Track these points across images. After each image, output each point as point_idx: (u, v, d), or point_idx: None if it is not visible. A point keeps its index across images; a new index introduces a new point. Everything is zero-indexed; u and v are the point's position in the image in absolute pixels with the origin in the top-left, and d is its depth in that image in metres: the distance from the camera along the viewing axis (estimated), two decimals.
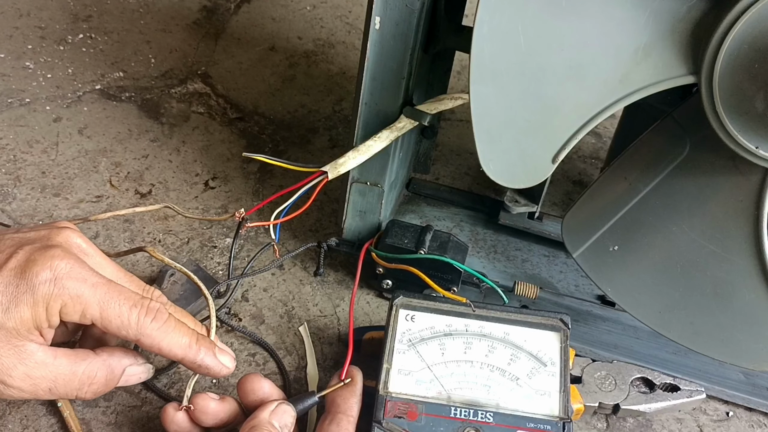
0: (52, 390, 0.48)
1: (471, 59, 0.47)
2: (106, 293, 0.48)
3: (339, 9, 1.00)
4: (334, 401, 0.52)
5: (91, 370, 0.49)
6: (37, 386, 0.47)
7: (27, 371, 0.47)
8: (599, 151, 0.84)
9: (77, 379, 0.49)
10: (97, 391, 0.50)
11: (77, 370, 0.49)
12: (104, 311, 0.48)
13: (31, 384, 0.47)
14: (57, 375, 0.48)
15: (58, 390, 0.48)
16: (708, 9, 0.44)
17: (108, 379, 0.50)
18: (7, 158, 0.74)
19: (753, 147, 0.46)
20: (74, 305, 0.47)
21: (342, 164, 0.58)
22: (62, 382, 0.48)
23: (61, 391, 0.48)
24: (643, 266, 0.56)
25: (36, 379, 0.47)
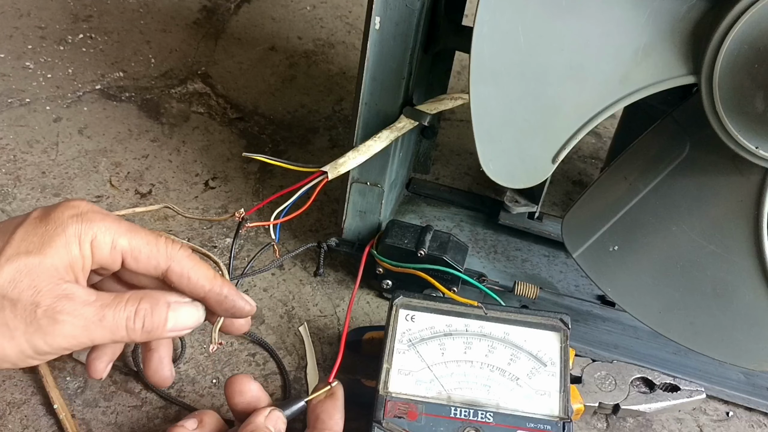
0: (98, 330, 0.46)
1: (471, 59, 0.47)
2: (130, 225, 0.48)
3: (339, 9, 1.00)
4: (319, 417, 0.51)
5: (134, 299, 0.47)
6: (84, 328, 0.45)
7: (73, 310, 0.45)
8: (599, 151, 0.84)
9: (123, 311, 0.46)
10: (146, 326, 0.47)
11: (121, 299, 0.47)
12: (132, 239, 0.48)
13: (80, 326, 0.45)
14: (101, 309, 0.46)
15: (106, 323, 0.46)
16: (708, 9, 0.44)
17: (154, 310, 0.47)
18: (7, 158, 0.74)
19: (753, 147, 0.46)
20: (104, 236, 0.47)
21: (342, 164, 0.58)
22: (110, 316, 0.46)
23: (109, 325, 0.46)
24: (643, 266, 0.56)
25: (81, 318, 0.45)
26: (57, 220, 0.46)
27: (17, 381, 0.57)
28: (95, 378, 0.52)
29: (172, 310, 0.48)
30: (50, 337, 0.44)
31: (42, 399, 0.56)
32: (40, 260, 0.45)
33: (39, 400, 0.56)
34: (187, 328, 0.49)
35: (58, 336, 0.44)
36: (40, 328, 0.44)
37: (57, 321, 0.44)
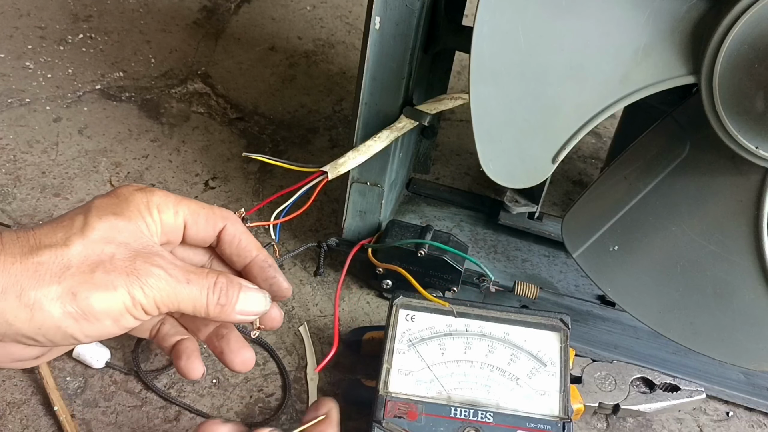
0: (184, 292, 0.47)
1: (471, 59, 0.47)
2: (181, 196, 0.50)
3: (339, 9, 1.00)
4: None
5: (213, 273, 0.48)
6: (173, 287, 0.46)
7: (165, 265, 0.46)
8: (599, 151, 0.84)
9: (205, 279, 0.47)
10: (221, 300, 0.48)
11: (202, 270, 0.48)
12: (189, 205, 0.49)
13: (171, 283, 0.46)
14: (188, 273, 0.47)
15: (191, 287, 0.47)
16: (708, 9, 0.44)
17: (229, 287, 0.48)
18: (7, 158, 0.74)
19: (753, 147, 0.46)
20: (166, 204, 0.48)
21: (342, 164, 0.58)
22: (194, 281, 0.47)
23: (193, 289, 0.47)
24: (643, 266, 0.56)
25: (173, 275, 0.46)
26: (123, 193, 0.48)
27: (17, 381, 0.57)
28: (195, 378, 0.51)
29: (243, 291, 0.49)
30: (148, 288, 0.45)
31: (42, 399, 0.56)
32: (125, 223, 0.46)
33: (39, 400, 0.56)
34: (252, 313, 0.50)
35: (154, 288, 0.45)
36: (138, 278, 0.45)
37: (152, 274, 0.45)
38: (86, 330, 0.45)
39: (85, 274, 0.44)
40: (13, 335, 0.44)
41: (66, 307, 0.44)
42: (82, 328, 0.45)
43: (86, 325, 0.45)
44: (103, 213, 0.47)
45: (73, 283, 0.44)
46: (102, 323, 0.45)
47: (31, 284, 0.43)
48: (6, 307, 0.43)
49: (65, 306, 0.44)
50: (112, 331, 0.46)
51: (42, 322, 0.44)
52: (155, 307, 0.46)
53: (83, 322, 0.44)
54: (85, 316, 0.44)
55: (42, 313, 0.44)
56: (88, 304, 0.44)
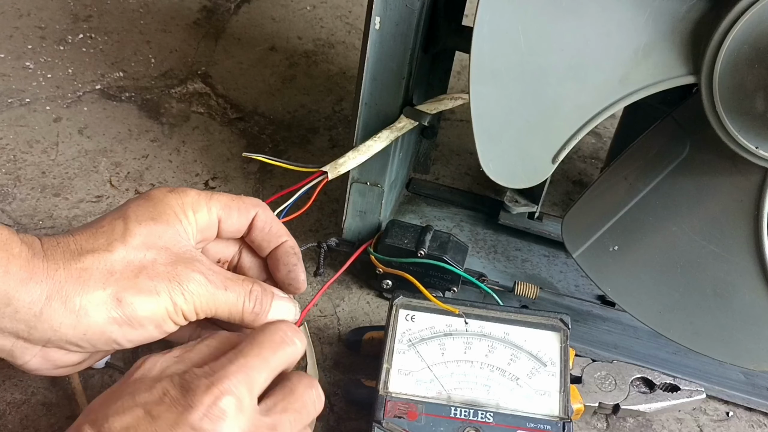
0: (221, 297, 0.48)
1: (471, 59, 0.47)
2: (209, 192, 0.51)
3: (339, 9, 1.00)
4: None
5: (248, 281, 0.50)
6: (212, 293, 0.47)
7: (204, 271, 0.47)
8: (599, 151, 0.84)
9: (242, 287, 0.49)
10: (255, 308, 0.49)
11: (238, 278, 0.49)
12: (220, 200, 0.51)
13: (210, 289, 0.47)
14: (226, 279, 0.48)
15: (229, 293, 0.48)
16: (708, 9, 0.44)
17: (263, 295, 0.50)
18: (7, 158, 0.74)
19: (753, 147, 0.46)
20: (199, 203, 0.49)
21: (342, 164, 0.58)
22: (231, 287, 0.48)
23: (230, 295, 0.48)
24: (643, 266, 0.56)
25: (211, 281, 0.47)
26: (157, 196, 0.49)
27: (17, 381, 0.57)
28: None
29: (275, 300, 0.51)
30: (188, 294, 0.46)
31: (42, 399, 0.56)
32: (165, 227, 0.47)
33: (39, 400, 0.56)
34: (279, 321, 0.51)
35: (194, 294, 0.46)
36: (180, 284, 0.46)
37: (193, 279, 0.46)
38: (129, 335, 0.46)
39: (129, 280, 0.45)
40: (58, 341, 0.45)
41: (111, 313, 0.45)
42: (125, 333, 0.46)
43: (129, 331, 0.46)
44: (141, 218, 0.47)
45: (118, 288, 0.45)
46: (145, 329, 0.46)
47: (76, 290, 0.44)
48: (52, 313, 0.44)
49: (110, 311, 0.45)
50: (153, 336, 0.47)
51: (87, 327, 0.44)
52: (194, 312, 0.47)
53: (127, 327, 0.45)
54: (129, 321, 0.45)
55: (87, 319, 0.44)
56: (133, 310, 0.45)
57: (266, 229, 0.52)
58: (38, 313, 0.44)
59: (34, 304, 0.44)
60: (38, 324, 0.44)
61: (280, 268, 0.53)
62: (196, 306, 0.47)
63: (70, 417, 0.56)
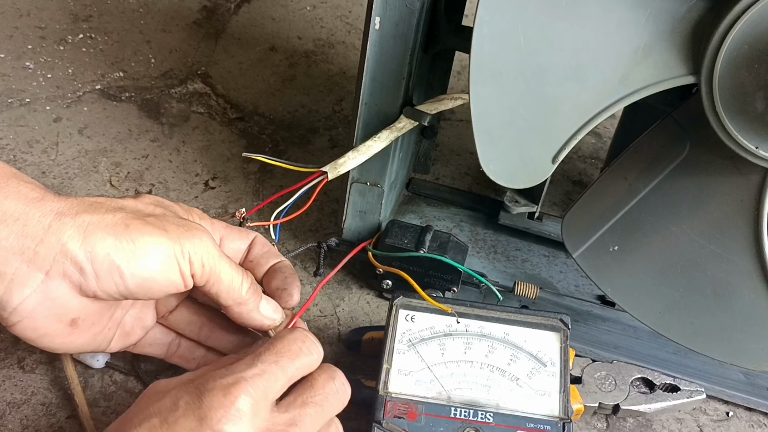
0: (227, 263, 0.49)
1: (471, 59, 0.47)
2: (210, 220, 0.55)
3: (339, 9, 1.00)
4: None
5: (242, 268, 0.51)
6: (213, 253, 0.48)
7: (209, 232, 0.49)
8: (599, 151, 0.84)
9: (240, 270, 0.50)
10: (250, 292, 0.50)
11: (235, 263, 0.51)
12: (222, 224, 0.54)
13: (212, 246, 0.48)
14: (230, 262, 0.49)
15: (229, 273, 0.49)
16: (708, 9, 0.44)
17: (257, 287, 0.51)
18: (7, 158, 0.74)
19: (753, 147, 0.46)
20: (204, 222, 0.52)
21: (342, 164, 0.58)
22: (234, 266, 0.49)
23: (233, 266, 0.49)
24: (643, 266, 0.56)
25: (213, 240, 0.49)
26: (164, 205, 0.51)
27: (17, 381, 0.57)
28: None
29: (264, 296, 0.52)
30: (197, 246, 0.47)
31: (42, 399, 0.56)
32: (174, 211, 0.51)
33: (39, 400, 0.56)
34: (269, 318, 0.52)
35: (202, 248, 0.47)
36: (188, 231, 0.47)
37: (200, 235, 0.48)
38: (133, 265, 0.46)
39: (138, 217, 0.47)
40: (63, 261, 0.44)
41: (118, 234, 0.45)
42: (129, 261, 0.45)
43: (134, 260, 0.45)
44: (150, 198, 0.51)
45: (127, 217, 0.46)
46: (149, 261, 0.46)
47: (87, 211, 0.45)
48: (61, 227, 0.44)
49: (117, 234, 0.45)
50: (156, 277, 0.46)
51: (93, 246, 0.45)
52: (201, 265, 0.48)
53: (131, 255, 0.45)
54: (134, 248, 0.45)
55: (94, 237, 0.45)
56: (140, 236, 0.46)
57: (265, 248, 0.54)
58: (47, 226, 0.44)
59: (45, 217, 0.44)
60: (46, 237, 0.44)
61: (277, 275, 0.54)
62: (203, 259, 0.47)
63: (70, 417, 0.56)
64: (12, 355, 0.59)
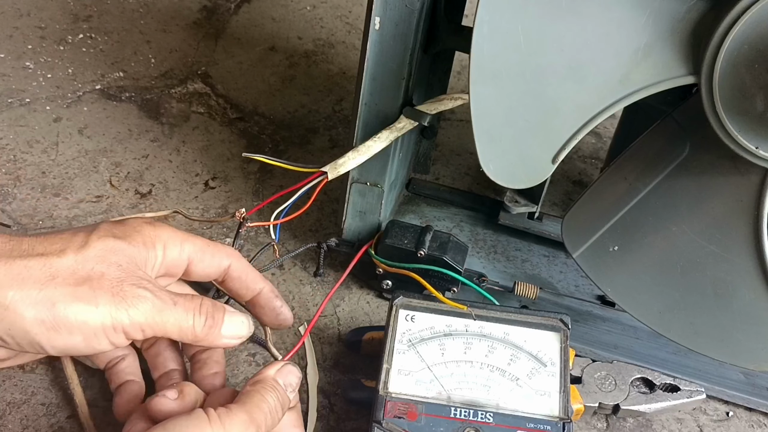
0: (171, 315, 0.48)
1: (471, 59, 0.47)
2: (190, 233, 0.52)
3: (339, 9, 1.00)
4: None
5: (197, 298, 0.50)
6: (160, 310, 0.47)
7: (153, 290, 0.47)
8: (599, 151, 0.84)
9: (191, 302, 0.49)
10: (207, 323, 0.49)
11: (188, 296, 0.50)
12: (195, 243, 0.51)
13: (158, 306, 0.47)
14: (176, 297, 0.48)
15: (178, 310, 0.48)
16: (708, 9, 0.44)
17: (215, 311, 0.50)
18: (7, 158, 0.74)
19: (753, 147, 0.46)
20: (173, 240, 0.50)
21: (342, 164, 0.58)
22: (181, 303, 0.48)
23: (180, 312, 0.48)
24: (643, 266, 0.56)
25: (159, 300, 0.47)
26: (132, 223, 0.49)
27: (17, 381, 0.57)
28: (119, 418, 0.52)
29: (227, 314, 0.51)
30: (132, 311, 0.46)
31: (42, 399, 0.56)
32: (125, 245, 0.48)
33: (39, 400, 0.56)
34: (237, 336, 0.52)
35: (139, 311, 0.46)
36: (123, 300, 0.46)
37: (139, 297, 0.46)
38: (54, 341, 0.45)
39: (70, 286, 0.45)
40: None
41: (40, 314, 0.44)
42: (50, 338, 0.45)
43: (55, 336, 0.45)
44: (104, 234, 0.48)
45: (55, 293, 0.44)
46: (72, 337, 0.45)
47: (11, 284, 0.44)
48: None
49: (39, 312, 0.44)
50: (79, 348, 0.46)
51: (12, 323, 0.44)
52: (140, 330, 0.47)
53: (53, 332, 0.45)
54: (56, 326, 0.44)
55: (14, 315, 0.44)
56: (65, 315, 0.44)
57: (242, 278, 0.53)
58: None
59: None
60: None
61: (267, 313, 0.54)
62: (141, 323, 0.46)
63: (70, 417, 0.56)
64: None
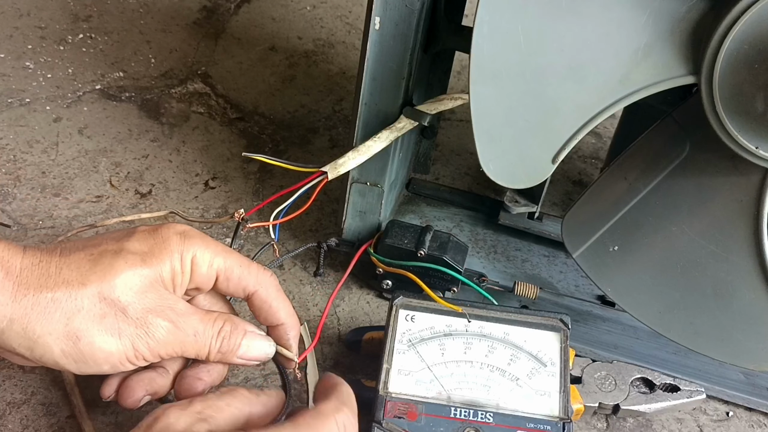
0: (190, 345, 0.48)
1: (471, 59, 0.47)
2: (225, 247, 0.51)
3: (339, 9, 1.00)
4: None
5: (220, 320, 0.50)
6: (181, 342, 0.48)
7: (176, 320, 0.47)
8: (599, 151, 0.84)
9: (211, 329, 0.49)
10: (222, 348, 0.49)
11: (210, 318, 0.49)
12: (227, 260, 0.50)
13: (179, 338, 0.48)
14: (197, 324, 0.49)
15: (198, 339, 0.48)
16: (708, 9, 0.44)
17: (232, 334, 0.50)
18: (7, 158, 0.74)
19: (753, 147, 0.46)
20: (203, 255, 0.49)
21: (342, 164, 0.58)
22: (201, 332, 0.49)
23: (199, 341, 0.49)
24: (643, 266, 0.56)
25: (182, 330, 0.48)
26: (163, 235, 0.49)
27: (17, 381, 0.57)
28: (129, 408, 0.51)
29: (246, 338, 0.51)
30: (153, 342, 0.47)
31: (42, 399, 0.56)
32: (150, 271, 0.47)
33: (39, 400, 0.56)
34: (254, 358, 0.52)
35: (159, 342, 0.47)
36: (146, 332, 0.47)
37: (161, 327, 0.47)
38: (81, 369, 0.47)
39: (94, 319, 0.46)
40: (13, 356, 0.47)
41: (67, 347, 0.45)
42: (79, 367, 0.47)
43: (83, 366, 0.47)
44: (132, 257, 0.47)
45: (80, 327, 0.45)
46: (100, 367, 0.47)
47: (39, 319, 0.45)
48: (11, 335, 0.45)
49: (66, 346, 0.45)
50: (105, 372, 0.48)
51: (42, 355, 0.46)
52: (157, 357, 0.48)
53: (80, 363, 0.46)
54: (84, 358, 0.46)
55: (43, 348, 0.45)
56: (90, 350, 0.46)
57: (264, 308, 0.52)
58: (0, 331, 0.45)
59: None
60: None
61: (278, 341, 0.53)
62: (160, 352, 0.48)
63: (70, 417, 0.56)
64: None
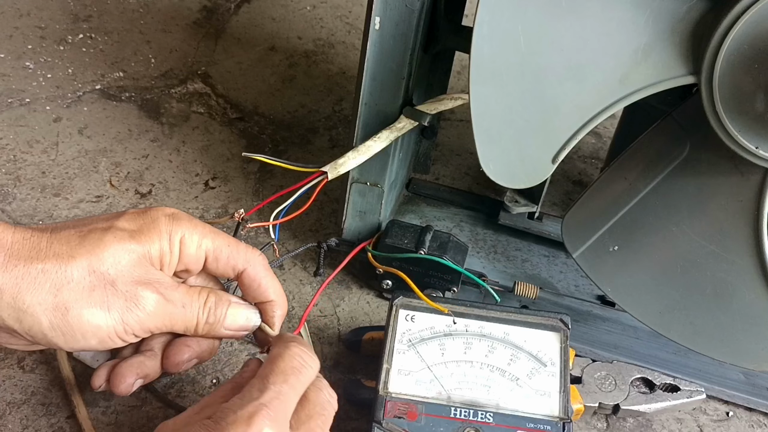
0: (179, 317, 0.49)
1: (471, 59, 0.47)
2: (213, 228, 0.51)
3: (339, 9, 1.00)
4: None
5: (204, 292, 0.50)
6: (170, 314, 0.48)
7: (165, 293, 0.48)
8: (599, 151, 0.84)
9: (197, 301, 0.50)
10: (209, 319, 0.50)
11: (195, 290, 0.50)
12: (215, 240, 0.51)
13: (168, 310, 0.48)
14: (183, 296, 0.49)
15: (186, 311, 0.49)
16: (708, 9, 0.44)
17: (217, 305, 0.50)
18: (7, 158, 0.74)
19: (753, 147, 0.46)
20: (191, 236, 0.50)
21: (342, 164, 0.58)
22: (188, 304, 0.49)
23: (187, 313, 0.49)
24: (643, 266, 0.56)
25: (170, 303, 0.48)
26: (152, 215, 0.49)
27: (17, 381, 0.57)
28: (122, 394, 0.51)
29: (231, 307, 0.51)
30: (143, 314, 0.47)
31: (42, 399, 0.56)
32: (139, 247, 0.48)
33: (39, 400, 0.56)
34: (241, 328, 0.52)
35: (149, 315, 0.47)
36: (136, 305, 0.47)
37: (149, 299, 0.47)
38: (70, 343, 0.47)
39: (83, 291, 0.46)
40: (4, 327, 0.46)
41: (55, 319, 0.45)
42: (66, 341, 0.46)
43: (71, 339, 0.46)
44: (122, 233, 0.48)
45: (69, 299, 0.45)
46: (87, 340, 0.47)
47: (29, 289, 0.45)
48: (1, 306, 0.44)
49: (55, 318, 0.45)
50: (94, 347, 0.48)
51: (31, 325, 0.45)
52: (148, 331, 0.48)
53: (69, 336, 0.46)
54: (71, 332, 0.46)
55: (32, 319, 0.45)
56: (78, 322, 0.46)
57: (253, 286, 0.52)
58: None
59: None
60: None
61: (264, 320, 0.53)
62: (149, 326, 0.48)
63: (70, 417, 0.56)
64: (12, 355, 0.59)
